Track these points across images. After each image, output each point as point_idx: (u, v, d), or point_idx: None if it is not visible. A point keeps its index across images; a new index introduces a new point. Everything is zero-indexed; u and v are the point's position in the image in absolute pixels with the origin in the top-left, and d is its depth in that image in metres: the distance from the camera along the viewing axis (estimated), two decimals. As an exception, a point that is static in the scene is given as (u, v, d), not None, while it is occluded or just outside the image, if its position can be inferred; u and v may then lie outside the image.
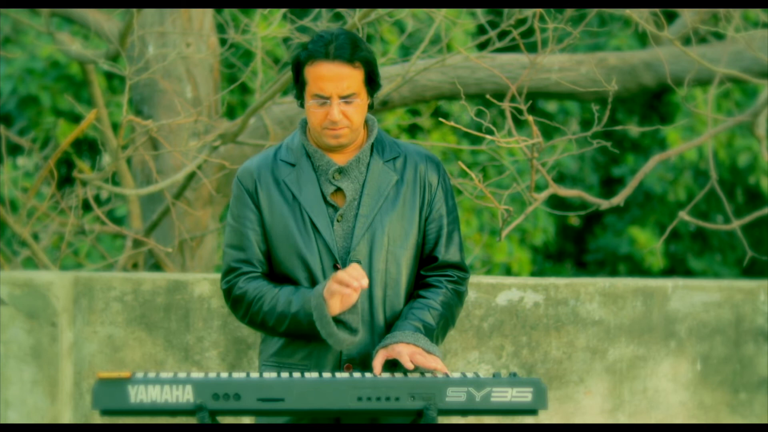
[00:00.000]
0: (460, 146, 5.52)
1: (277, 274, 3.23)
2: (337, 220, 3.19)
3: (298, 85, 3.20)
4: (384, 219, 3.20)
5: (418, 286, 3.28)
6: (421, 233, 3.25)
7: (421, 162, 3.26)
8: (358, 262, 3.17)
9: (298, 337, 3.17)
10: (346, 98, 3.13)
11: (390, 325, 3.20)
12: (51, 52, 9.37)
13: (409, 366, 3.04)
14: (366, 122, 3.27)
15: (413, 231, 3.23)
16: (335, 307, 3.06)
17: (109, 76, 9.61)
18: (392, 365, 3.11)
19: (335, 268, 3.17)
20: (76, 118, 9.71)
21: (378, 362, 3.08)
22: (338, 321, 3.10)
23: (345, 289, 3.02)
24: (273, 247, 3.21)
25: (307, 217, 3.19)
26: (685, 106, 5.35)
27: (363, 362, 3.16)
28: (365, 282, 3.02)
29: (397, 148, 3.28)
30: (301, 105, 3.25)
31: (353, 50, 3.13)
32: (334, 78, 3.12)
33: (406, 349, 3.07)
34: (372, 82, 3.18)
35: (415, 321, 3.15)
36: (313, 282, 3.17)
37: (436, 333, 3.19)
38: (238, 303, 3.23)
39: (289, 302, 3.13)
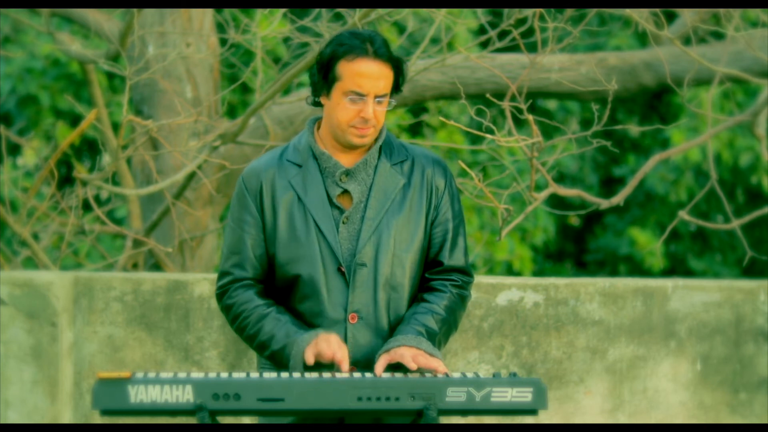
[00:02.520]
0: (460, 146, 5.52)
1: (280, 276, 3.22)
2: (343, 222, 3.18)
3: (326, 81, 3.17)
4: (390, 222, 3.19)
5: (422, 289, 3.27)
6: (426, 237, 3.25)
7: (428, 166, 3.26)
8: (364, 265, 3.16)
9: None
10: (380, 98, 3.14)
11: (394, 329, 3.20)
12: (51, 51, 9.36)
13: (412, 366, 3.04)
14: None
15: (419, 235, 3.23)
16: (311, 359, 3.08)
17: (110, 76, 9.61)
18: (395, 369, 3.10)
19: (339, 271, 3.17)
20: (75, 118, 9.71)
21: (380, 365, 3.07)
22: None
23: (324, 359, 3.07)
24: (276, 249, 3.20)
25: (311, 219, 3.18)
26: (687, 106, 5.35)
27: (367, 366, 3.16)
28: (343, 366, 3.05)
29: (405, 151, 3.27)
30: (314, 102, 3.24)
31: (390, 51, 3.16)
32: (374, 76, 3.12)
33: (409, 352, 3.07)
34: (398, 86, 3.21)
35: (418, 326, 3.15)
36: (316, 284, 3.17)
37: (438, 338, 3.18)
38: (227, 311, 3.27)
39: (272, 336, 3.16)
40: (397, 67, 3.17)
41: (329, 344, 3.07)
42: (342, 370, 3.05)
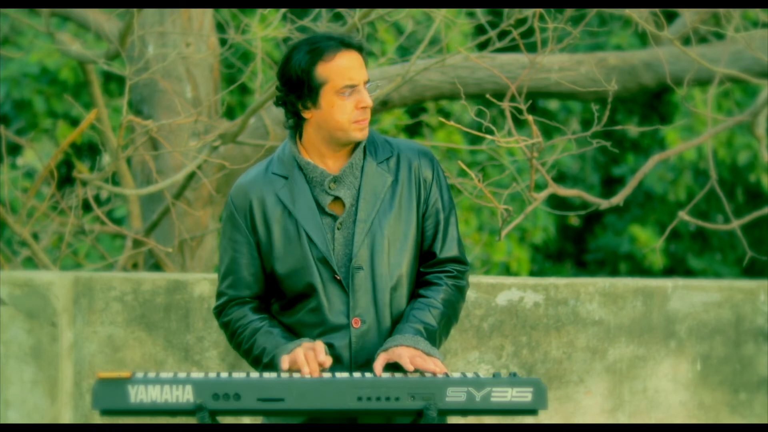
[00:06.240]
0: (459, 146, 5.51)
1: (284, 290, 3.20)
2: (337, 229, 3.17)
3: (310, 90, 3.13)
4: (383, 222, 3.18)
5: (418, 284, 3.25)
6: (419, 232, 3.24)
7: (414, 159, 3.23)
8: (360, 268, 3.15)
9: None
10: (368, 85, 3.15)
11: None
12: (41, 57, 9.34)
13: (409, 367, 3.03)
14: None
15: (412, 231, 3.21)
16: (285, 366, 3.08)
17: (106, 79, 9.60)
18: (394, 368, 3.10)
19: (335, 279, 3.16)
20: (72, 121, 9.70)
21: (378, 365, 3.07)
22: None
23: (302, 370, 3.05)
24: (274, 264, 3.19)
25: (302, 230, 3.16)
26: (685, 106, 5.36)
27: (371, 367, 3.16)
28: (306, 370, 3.04)
29: (390, 147, 3.24)
30: (294, 124, 3.20)
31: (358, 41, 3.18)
32: (357, 65, 3.13)
33: (407, 352, 3.07)
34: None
35: (416, 323, 3.14)
36: (316, 295, 3.16)
37: (438, 333, 3.18)
38: (225, 329, 3.28)
39: (263, 350, 3.16)
40: (365, 57, 3.18)
41: (305, 354, 3.06)
42: (324, 365, 3.05)
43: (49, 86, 9.64)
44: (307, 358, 3.04)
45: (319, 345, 3.08)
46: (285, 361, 3.06)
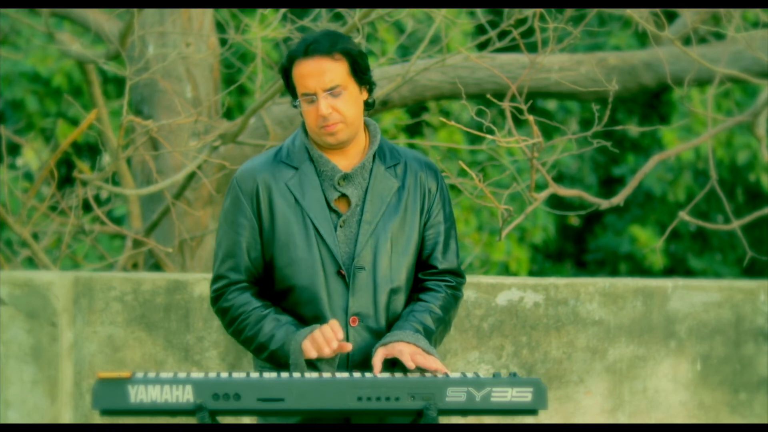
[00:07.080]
0: (459, 145, 5.51)
1: (278, 279, 3.21)
2: (340, 226, 3.18)
3: (291, 90, 3.21)
4: (387, 225, 3.20)
5: (417, 289, 3.28)
6: (420, 239, 3.26)
7: (420, 169, 3.27)
8: (362, 268, 3.16)
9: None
10: (331, 91, 3.12)
11: None
12: (34, 63, 9.34)
13: (410, 365, 3.04)
14: (368, 127, 3.26)
15: (414, 237, 3.24)
16: (311, 352, 3.09)
17: (104, 81, 9.60)
18: (392, 365, 3.11)
19: (339, 274, 3.16)
20: (71, 121, 9.69)
21: (378, 359, 3.08)
22: (314, 366, 3.12)
23: (322, 350, 3.07)
24: (274, 252, 3.19)
25: (310, 222, 3.17)
26: (683, 106, 5.37)
27: (368, 367, 3.16)
28: (335, 346, 3.07)
29: (397, 154, 3.27)
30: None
31: (331, 43, 3.13)
32: (314, 73, 3.11)
33: (407, 348, 3.08)
34: (358, 72, 3.16)
35: (416, 323, 3.16)
36: (316, 288, 3.16)
37: (435, 337, 3.20)
38: (223, 314, 3.24)
39: (271, 336, 3.15)
40: (347, 55, 3.13)
41: (324, 334, 3.07)
42: (344, 350, 3.08)
43: (43, 87, 9.63)
44: (325, 336, 3.06)
45: (332, 325, 3.10)
46: (308, 348, 3.07)
